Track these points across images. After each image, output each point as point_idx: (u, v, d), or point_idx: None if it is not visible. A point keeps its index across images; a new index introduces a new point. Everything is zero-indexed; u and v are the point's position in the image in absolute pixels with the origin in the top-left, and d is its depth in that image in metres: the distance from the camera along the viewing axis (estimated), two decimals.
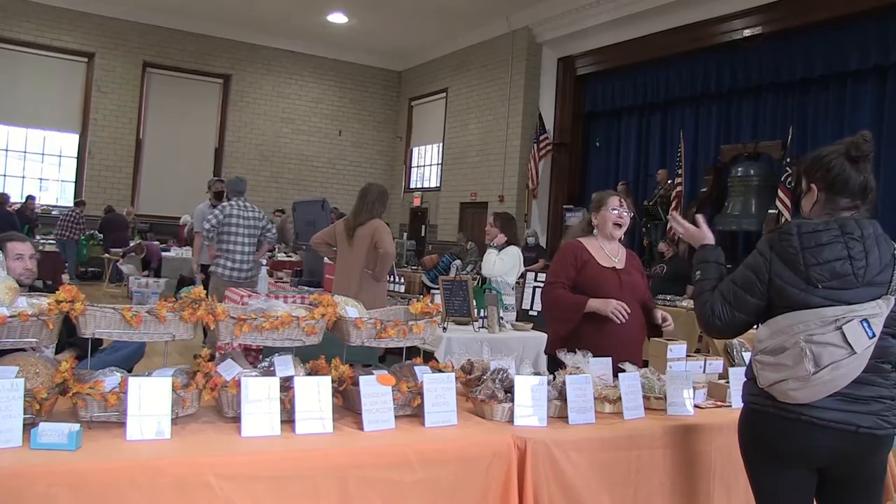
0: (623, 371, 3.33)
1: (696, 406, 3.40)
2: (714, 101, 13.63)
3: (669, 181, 13.05)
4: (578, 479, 2.88)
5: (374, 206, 6.18)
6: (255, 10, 16.96)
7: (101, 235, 15.84)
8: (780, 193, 10.86)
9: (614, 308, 3.72)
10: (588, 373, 3.25)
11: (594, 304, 3.78)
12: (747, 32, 12.15)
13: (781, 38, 11.86)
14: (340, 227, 6.36)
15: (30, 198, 16.26)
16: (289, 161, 19.60)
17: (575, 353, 3.41)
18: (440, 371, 3.17)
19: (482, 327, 5.71)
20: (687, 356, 3.96)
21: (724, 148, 12.71)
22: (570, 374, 3.21)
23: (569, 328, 3.81)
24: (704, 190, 12.85)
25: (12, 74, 17.13)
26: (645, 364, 3.81)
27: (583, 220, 4.19)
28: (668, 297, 9.34)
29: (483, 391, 3.10)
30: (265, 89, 19.32)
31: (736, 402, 3.32)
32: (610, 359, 3.44)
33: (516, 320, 6.22)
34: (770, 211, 11.03)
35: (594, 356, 3.42)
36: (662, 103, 14.48)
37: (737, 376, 3.44)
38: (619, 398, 3.20)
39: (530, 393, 3.02)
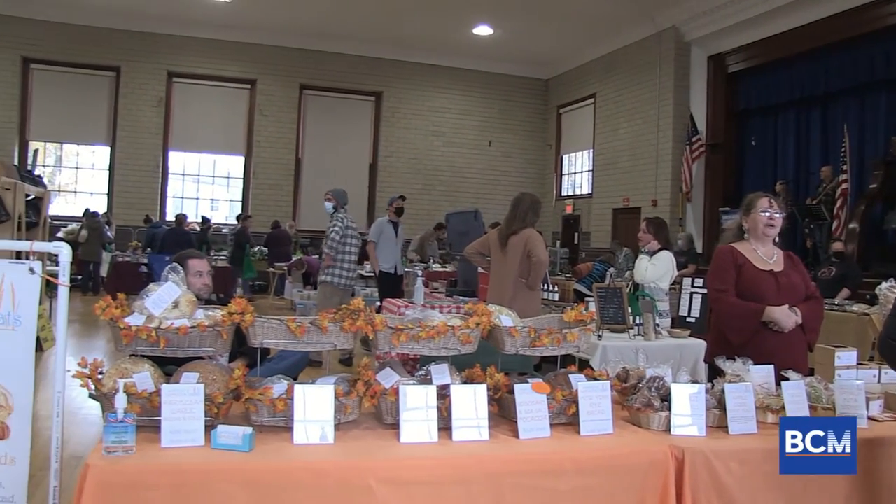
0: (786, 379, 3.20)
1: (870, 418, 3.21)
2: (882, 90, 12.74)
3: (834, 178, 12.33)
4: (741, 493, 2.78)
5: (526, 216, 6.22)
6: (403, 28, 17.40)
7: (266, 250, 16.60)
8: None
9: (795, 324, 3.61)
10: (748, 381, 3.14)
11: (775, 314, 3.65)
12: None
13: None
14: (493, 236, 6.43)
15: (247, 218, 17.21)
16: (441, 173, 19.92)
17: (734, 360, 3.30)
18: (595, 379, 3.16)
19: (638, 335, 5.61)
20: (858, 364, 3.74)
21: (895, 139, 11.88)
22: (730, 381, 3.12)
23: (744, 337, 3.67)
24: (874, 186, 12.03)
25: (187, 105, 18.44)
26: (810, 372, 3.63)
27: (734, 225, 4.04)
28: (837, 303, 8.81)
29: (639, 399, 3.06)
30: (415, 104, 19.75)
31: None
32: (772, 366, 3.31)
33: (672, 327, 6.07)
34: None
35: (755, 363, 3.30)
36: (822, 96, 13.72)
37: None
38: (783, 407, 3.07)
39: (688, 401, 2.95)
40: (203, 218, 17.39)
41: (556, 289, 7.24)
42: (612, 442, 2.87)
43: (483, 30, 17.31)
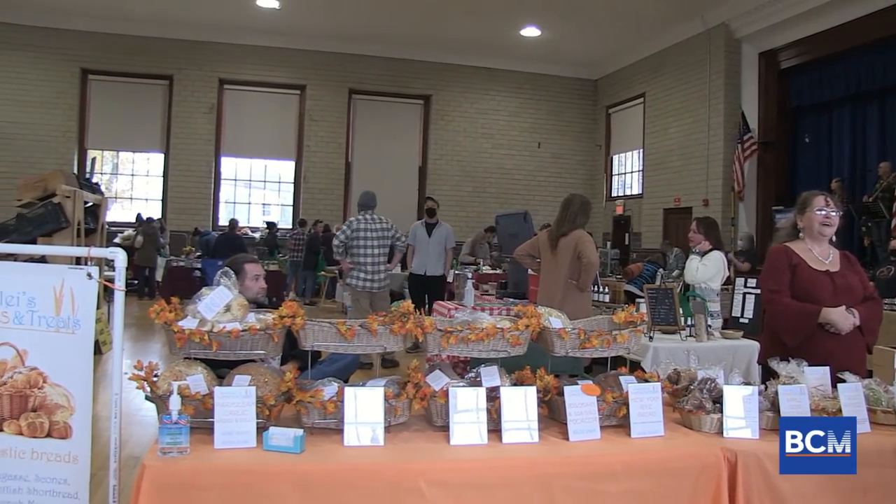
0: (843, 381, 3.13)
1: None
2: None
3: (892, 174, 12.00)
4: (796, 497, 2.73)
5: (576, 217, 6.19)
6: (451, 31, 17.43)
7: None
8: None
9: (853, 325, 3.53)
10: (803, 382, 3.08)
11: (832, 315, 3.56)
12: None
13: None
14: (543, 238, 6.41)
15: (318, 223, 17.45)
16: (490, 175, 19.89)
17: (788, 362, 3.24)
18: (646, 381, 3.13)
19: (689, 336, 5.55)
20: None
21: None
22: (784, 383, 3.07)
23: (799, 339, 3.59)
24: None
25: (238, 111, 18.73)
26: (868, 374, 3.54)
27: (788, 224, 3.96)
28: None
29: (690, 401, 3.03)
30: (464, 107, 19.77)
31: None
32: (827, 368, 3.24)
33: (724, 328, 5.98)
34: None
35: (811, 366, 3.24)
36: (879, 90, 13.35)
37: None
38: (840, 410, 3.00)
39: (741, 403, 2.91)
40: (268, 223, 17.70)
41: (606, 290, 7.19)
42: (664, 444, 2.85)
43: (530, 31, 17.26)
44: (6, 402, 2.77)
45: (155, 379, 2.83)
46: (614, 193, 20.13)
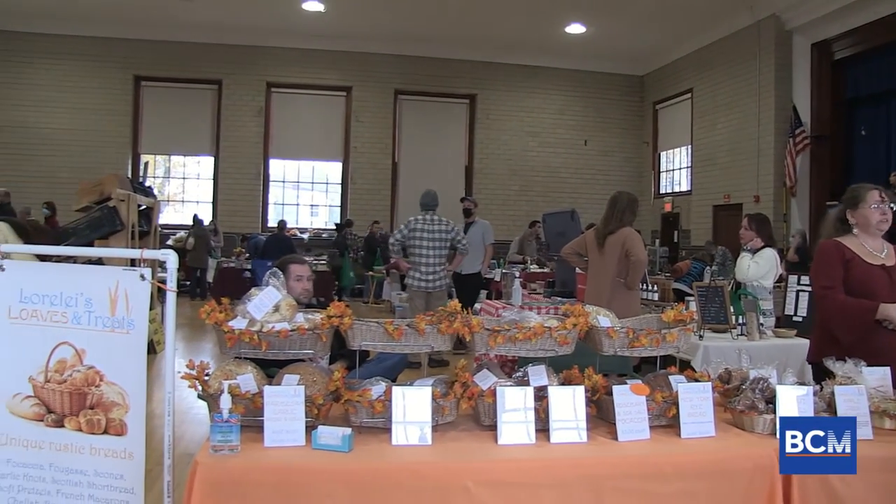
0: None
1: None
2: None
3: None
4: (854, 501, 2.66)
5: (623, 215, 6.14)
6: (495, 30, 17.40)
7: (362, 253, 16.99)
8: None
9: None
10: (861, 383, 3.01)
11: (890, 311, 3.47)
12: None
13: None
14: (591, 236, 6.37)
15: (375, 223, 17.66)
16: (537, 174, 19.81)
17: (844, 361, 3.16)
18: (696, 380, 3.09)
19: (740, 335, 5.47)
20: None
21: None
22: (840, 384, 2.99)
23: (855, 337, 3.51)
24: None
25: (286, 114, 18.95)
26: None
27: (834, 219, 3.85)
28: None
29: (742, 401, 2.98)
30: (509, 105, 19.71)
31: None
32: (888, 368, 3.15)
33: (777, 326, 5.87)
34: None
35: (866, 364, 3.15)
36: None
37: None
38: None
39: (795, 404, 2.85)
40: (337, 225, 17.92)
41: (655, 288, 7.11)
42: (715, 445, 2.81)
43: (575, 28, 17.15)
44: (66, 400, 2.84)
45: (206, 378, 2.88)
46: (662, 190, 19.92)
